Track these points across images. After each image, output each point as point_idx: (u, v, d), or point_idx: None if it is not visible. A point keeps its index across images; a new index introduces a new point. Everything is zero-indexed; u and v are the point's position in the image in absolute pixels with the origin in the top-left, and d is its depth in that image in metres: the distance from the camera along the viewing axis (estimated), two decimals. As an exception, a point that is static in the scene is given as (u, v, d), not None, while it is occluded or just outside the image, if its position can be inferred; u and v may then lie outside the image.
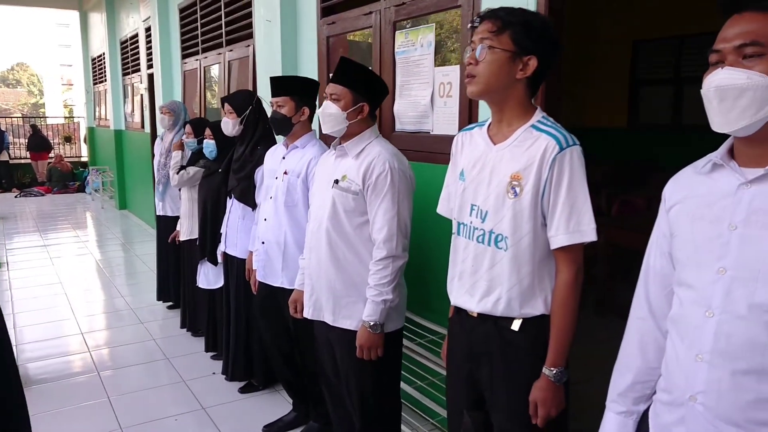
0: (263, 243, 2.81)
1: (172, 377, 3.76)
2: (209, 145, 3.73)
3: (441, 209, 1.92)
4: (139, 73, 8.43)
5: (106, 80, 10.37)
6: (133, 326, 4.69)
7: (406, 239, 2.14)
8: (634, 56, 6.60)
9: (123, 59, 9.49)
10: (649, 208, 5.25)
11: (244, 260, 3.27)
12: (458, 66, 2.73)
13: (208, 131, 3.76)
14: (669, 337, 1.27)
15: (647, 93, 6.66)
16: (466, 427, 1.84)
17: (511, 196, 1.62)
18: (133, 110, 9.04)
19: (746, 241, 1.11)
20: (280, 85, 2.72)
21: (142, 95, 8.31)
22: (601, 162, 6.06)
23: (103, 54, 10.46)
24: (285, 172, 2.73)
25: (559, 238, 1.58)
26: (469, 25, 2.51)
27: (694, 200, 1.23)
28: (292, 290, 2.55)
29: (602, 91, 6.69)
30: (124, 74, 9.50)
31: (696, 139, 1.36)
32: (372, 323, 2.09)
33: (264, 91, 3.89)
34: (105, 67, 10.36)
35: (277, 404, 3.36)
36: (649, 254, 1.37)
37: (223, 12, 5.33)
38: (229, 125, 3.31)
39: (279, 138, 3.02)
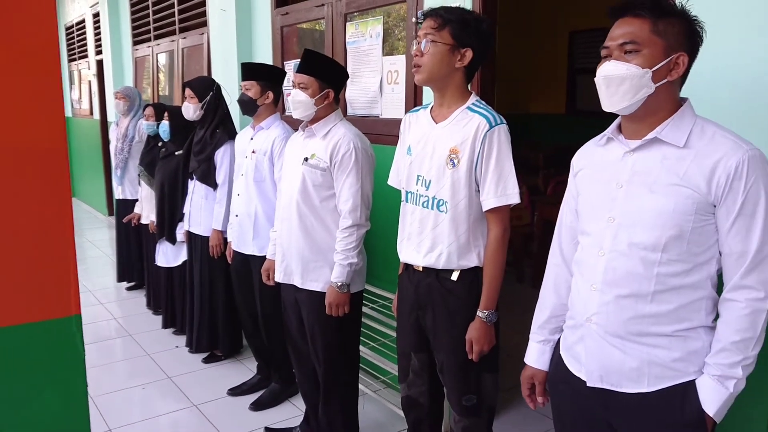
0: (237, 216, 3.07)
1: (136, 352, 3.95)
2: (164, 126, 3.89)
3: (391, 181, 2.21)
4: (86, 60, 8.40)
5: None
6: (92, 307, 4.82)
7: (368, 210, 2.42)
8: (571, 46, 7.04)
9: (69, 45, 9.39)
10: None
11: (207, 238, 3.49)
12: (404, 55, 3.02)
13: (166, 114, 3.93)
14: (574, 276, 1.59)
15: (584, 81, 7.11)
16: (414, 366, 2.14)
17: (450, 167, 1.92)
18: (80, 97, 8.99)
19: (629, 196, 1.43)
20: (249, 71, 3.02)
21: (90, 81, 8.29)
22: (542, 146, 6.50)
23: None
24: (253, 151, 2.98)
25: (489, 201, 1.89)
26: (414, 19, 2.80)
27: (593, 166, 1.55)
28: (262, 258, 2.81)
29: (543, 79, 7.12)
30: (71, 60, 9.41)
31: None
32: (339, 284, 2.36)
33: (219, 78, 4.08)
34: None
35: (240, 372, 3.60)
36: (562, 212, 1.69)
37: (176, 0, 5.45)
38: (191, 110, 3.50)
39: (245, 120, 3.26)
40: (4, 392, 0.66)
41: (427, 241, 1.98)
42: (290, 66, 3.84)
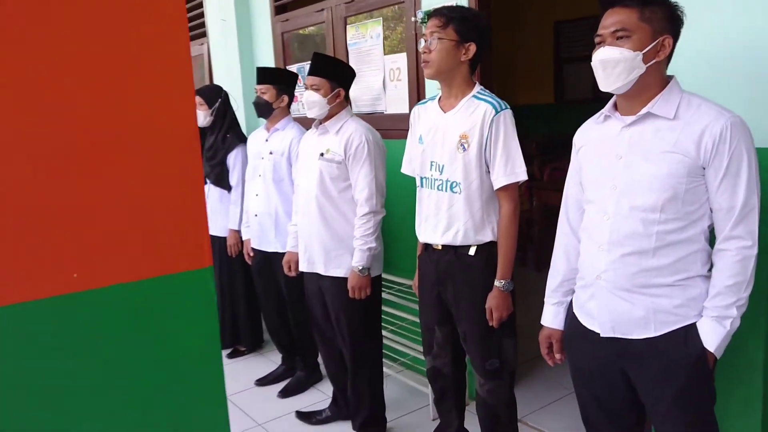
0: (256, 215, 3.22)
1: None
2: None
3: (404, 169, 2.39)
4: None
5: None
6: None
7: (383, 197, 2.59)
8: (556, 37, 7.24)
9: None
10: (576, 173, 5.89)
11: (224, 238, 3.66)
12: (405, 54, 3.20)
13: None
14: (582, 242, 1.78)
15: (570, 70, 7.31)
16: (437, 339, 2.32)
17: (461, 151, 2.10)
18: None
19: (628, 165, 1.61)
20: (265, 75, 3.17)
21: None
22: (533, 135, 6.68)
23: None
24: (270, 152, 3.14)
25: (499, 180, 2.07)
26: (413, 19, 2.98)
27: (593, 142, 1.73)
28: (284, 253, 2.98)
29: (531, 71, 7.31)
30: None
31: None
32: (360, 267, 2.53)
33: (223, 86, 4.24)
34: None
35: (264, 364, 3.77)
36: (567, 187, 1.87)
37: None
38: (201, 116, 3.67)
39: (251, 124, 3.42)
40: (151, 336, 0.83)
41: (444, 221, 2.16)
42: (292, 70, 4.01)
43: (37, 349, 0.74)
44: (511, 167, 2.07)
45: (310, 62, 2.70)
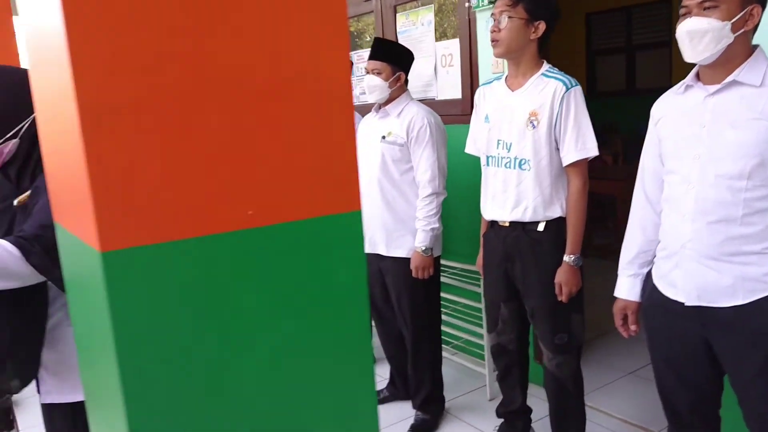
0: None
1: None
2: None
3: (468, 149, 2.42)
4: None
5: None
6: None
7: (444, 179, 2.61)
8: (588, 29, 7.20)
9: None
10: (615, 162, 5.87)
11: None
12: (457, 39, 3.22)
13: None
14: (663, 212, 1.79)
15: (602, 62, 7.27)
16: (503, 315, 2.35)
17: (530, 128, 2.12)
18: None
19: (712, 133, 1.62)
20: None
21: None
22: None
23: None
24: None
25: (570, 155, 2.09)
26: (467, 4, 3.00)
27: (674, 113, 1.74)
28: None
29: (563, 63, 7.26)
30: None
31: (650, 101, 1.86)
32: (423, 248, 2.56)
33: None
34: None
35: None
36: (643, 160, 1.88)
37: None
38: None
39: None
40: (309, 274, 0.87)
41: (512, 198, 2.18)
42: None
43: (215, 280, 0.78)
44: (582, 143, 2.08)
45: (369, 48, 2.73)
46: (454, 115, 3.24)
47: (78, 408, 1.59)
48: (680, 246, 1.69)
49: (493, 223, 2.31)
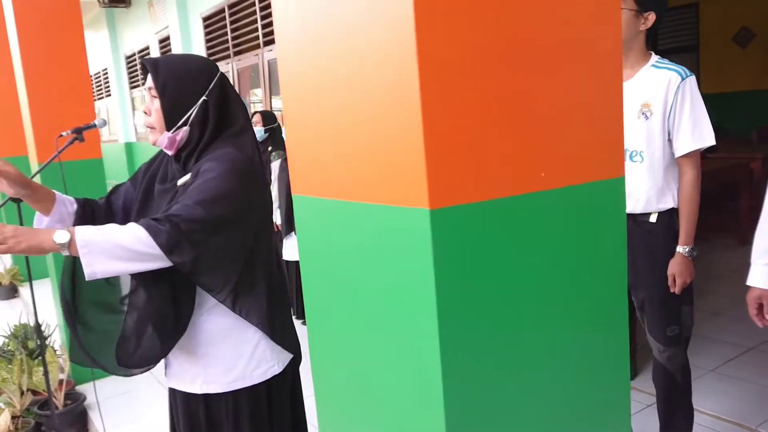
0: None
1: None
2: (258, 130, 4.22)
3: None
4: (152, 84, 8.77)
5: (109, 95, 10.64)
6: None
7: None
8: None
9: (130, 73, 9.79)
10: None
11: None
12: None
13: (257, 117, 4.26)
14: None
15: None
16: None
17: (643, 120, 2.13)
18: (146, 121, 9.38)
19: None
20: None
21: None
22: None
23: (103, 71, 10.73)
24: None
25: (686, 146, 2.09)
26: None
27: None
28: None
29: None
30: (133, 87, 9.80)
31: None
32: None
33: None
34: (106, 82, 10.64)
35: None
36: None
37: (258, 15, 5.75)
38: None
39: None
40: (579, 239, 0.88)
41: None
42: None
43: (516, 241, 0.79)
44: (699, 132, 2.09)
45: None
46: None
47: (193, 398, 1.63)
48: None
49: (599, 216, 2.31)
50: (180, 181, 1.53)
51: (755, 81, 6.79)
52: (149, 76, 1.55)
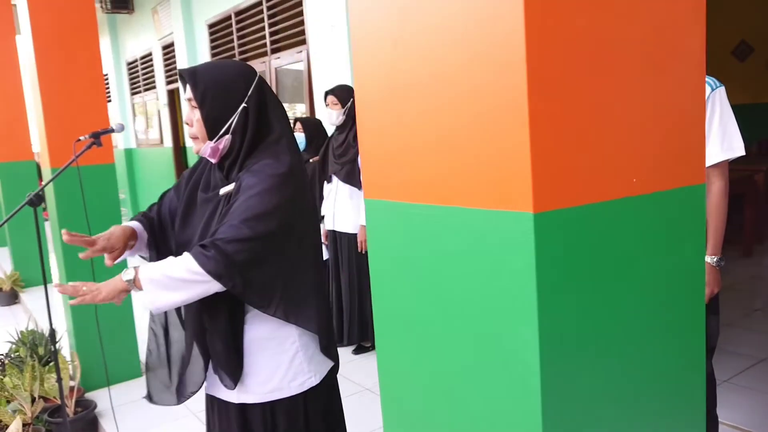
0: None
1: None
2: (299, 137, 4.16)
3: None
4: (154, 91, 8.75)
5: (110, 101, 10.62)
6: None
7: None
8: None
9: (132, 79, 9.77)
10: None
11: (353, 235, 3.73)
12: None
13: (299, 125, 4.20)
14: None
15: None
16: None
17: (671, 130, 2.14)
18: (148, 127, 9.35)
19: None
20: None
21: (159, 111, 8.63)
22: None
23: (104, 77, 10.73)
24: None
25: (716, 156, 2.11)
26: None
27: None
28: None
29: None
30: (134, 93, 9.78)
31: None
32: None
33: (322, 95, 4.29)
34: (107, 88, 10.61)
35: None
36: None
37: (266, 22, 5.75)
38: (334, 115, 3.77)
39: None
40: (661, 245, 0.88)
41: (649, 200, 2.20)
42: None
43: (614, 246, 0.79)
44: (728, 143, 2.10)
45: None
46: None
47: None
48: None
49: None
50: (222, 191, 1.53)
51: (755, 94, 6.86)
52: (188, 87, 1.54)
